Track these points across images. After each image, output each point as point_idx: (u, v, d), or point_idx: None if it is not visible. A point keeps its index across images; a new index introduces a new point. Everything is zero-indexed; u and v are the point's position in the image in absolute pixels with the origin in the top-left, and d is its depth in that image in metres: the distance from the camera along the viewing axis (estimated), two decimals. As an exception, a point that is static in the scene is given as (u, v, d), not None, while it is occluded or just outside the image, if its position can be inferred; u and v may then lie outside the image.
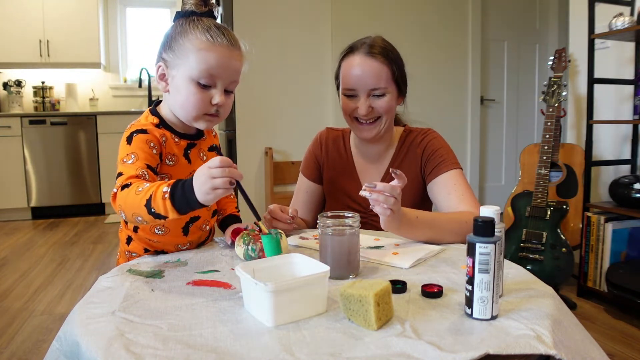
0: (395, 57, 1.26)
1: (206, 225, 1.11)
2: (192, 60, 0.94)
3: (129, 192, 0.86)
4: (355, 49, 1.26)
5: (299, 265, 0.80)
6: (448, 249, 1.06)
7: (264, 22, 3.54)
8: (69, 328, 0.71)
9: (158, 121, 1.02)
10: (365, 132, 1.28)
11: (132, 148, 0.94)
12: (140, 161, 0.93)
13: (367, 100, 1.24)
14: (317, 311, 0.71)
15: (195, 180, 0.81)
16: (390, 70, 1.24)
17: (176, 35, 0.97)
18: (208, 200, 0.80)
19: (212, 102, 0.97)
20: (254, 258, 0.96)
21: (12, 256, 3.32)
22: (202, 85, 0.96)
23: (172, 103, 1.01)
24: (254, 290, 0.70)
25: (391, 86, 1.25)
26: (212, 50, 0.95)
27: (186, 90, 0.96)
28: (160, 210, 0.82)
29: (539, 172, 2.46)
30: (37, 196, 4.57)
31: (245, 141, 3.59)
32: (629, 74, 2.52)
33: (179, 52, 0.96)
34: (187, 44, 0.95)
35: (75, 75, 5.15)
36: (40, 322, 2.20)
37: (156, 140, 0.98)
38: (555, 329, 0.65)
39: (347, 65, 1.26)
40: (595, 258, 2.36)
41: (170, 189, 0.82)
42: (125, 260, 1.08)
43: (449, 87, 4.06)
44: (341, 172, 1.39)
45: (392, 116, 1.29)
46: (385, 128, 1.29)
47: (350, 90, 1.25)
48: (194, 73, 0.95)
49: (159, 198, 0.82)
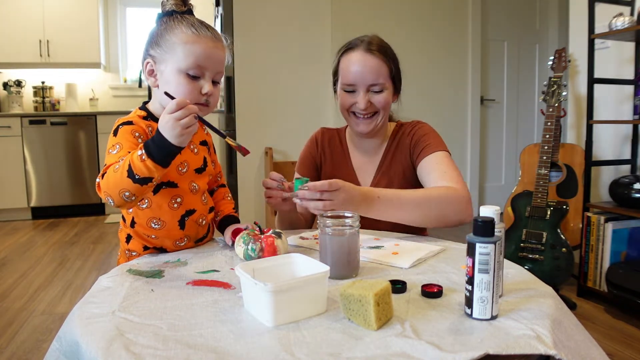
0: (392, 55, 1.31)
1: (203, 220, 1.11)
2: (179, 53, 0.99)
3: (108, 175, 0.91)
4: (354, 45, 1.31)
5: (299, 265, 0.80)
6: (448, 249, 1.06)
7: (264, 22, 3.54)
8: (69, 328, 0.71)
9: (145, 114, 1.06)
10: (363, 126, 1.32)
11: (117, 139, 0.98)
12: (123, 150, 0.96)
13: (366, 95, 1.28)
14: (317, 311, 0.71)
15: (163, 130, 0.87)
16: (388, 68, 1.29)
17: (162, 32, 1.01)
18: (184, 141, 0.88)
19: (202, 91, 1.02)
20: (253, 258, 0.96)
21: (12, 256, 3.32)
22: (191, 76, 1.00)
23: (162, 97, 1.03)
24: (254, 290, 0.70)
25: (388, 83, 1.30)
26: (198, 42, 0.99)
27: (176, 82, 1.00)
28: (145, 173, 0.87)
29: (539, 172, 2.46)
30: (37, 196, 4.57)
31: (245, 141, 3.59)
32: (629, 74, 2.52)
33: (166, 47, 1.00)
34: (173, 39, 1.00)
35: (75, 75, 5.15)
36: (40, 322, 2.20)
37: (142, 130, 1.01)
38: (555, 329, 0.65)
39: (347, 61, 1.30)
40: (595, 258, 2.36)
41: (144, 149, 0.87)
42: (126, 260, 1.09)
43: (449, 87, 4.06)
44: (338, 168, 1.43)
45: (388, 112, 1.34)
46: (381, 123, 1.34)
47: (349, 85, 1.29)
48: (182, 65, 0.99)
49: (137, 162, 0.87)
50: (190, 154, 1.09)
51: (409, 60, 4.20)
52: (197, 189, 1.09)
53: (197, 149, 1.11)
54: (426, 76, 3.96)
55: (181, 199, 1.05)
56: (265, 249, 0.96)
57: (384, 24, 3.78)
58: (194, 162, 1.09)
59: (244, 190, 3.58)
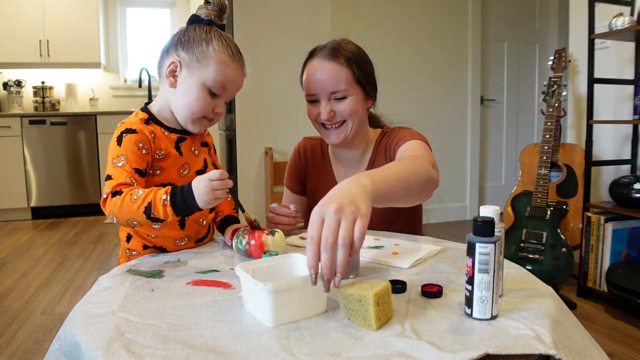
0: (356, 58, 1.22)
1: (203, 220, 1.11)
2: (211, 69, 1.00)
3: (123, 200, 0.93)
4: (314, 53, 1.24)
5: (299, 265, 0.80)
6: (448, 249, 1.06)
7: (264, 23, 3.54)
8: (69, 328, 0.71)
9: (147, 116, 1.06)
10: (333, 137, 1.25)
11: (122, 150, 0.99)
12: (129, 164, 0.97)
13: (328, 104, 1.21)
14: (317, 311, 0.71)
15: (196, 190, 0.91)
16: (350, 72, 1.20)
17: (199, 40, 1.01)
18: (208, 206, 0.93)
19: (215, 109, 1.04)
20: (241, 251, 0.99)
21: (12, 256, 3.32)
22: (212, 93, 1.02)
23: (175, 100, 1.04)
24: (253, 290, 0.70)
25: (353, 88, 1.21)
26: (230, 67, 1.02)
27: (196, 94, 1.01)
28: (160, 215, 0.92)
29: (539, 172, 2.46)
30: (37, 196, 4.57)
31: (245, 141, 3.59)
32: (629, 74, 2.53)
33: (199, 57, 1.01)
34: (210, 52, 1.00)
35: (75, 75, 5.15)
36: (40, 322, 2.20)
37: (146, 139, 1.01)
38: (555, 328, 0.65)
39: (307, 70, 1.24)
40: (595, 258, 2.36)
41: (170, 196, 0.92)
42: (126, 259, 1.09)
43: (449, 87, 4.06)
44: (322, 181, 1.38)
45: (359, 119, 1.25)
46: (354, 132, 1.25)
47: (311, 95, 1.23)
48: (209, 81, 1.01)
49: (158, 204, 0.91)
50: (192, 156, 1.09)
51: (409, 61, 4.23)
52: None
53: (198, 151, 1.11)
54: (426, 76, 3.96)
55: None
56: (252, 244, 0.97)
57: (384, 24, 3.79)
58: (195, 164, 1.09)
59: (244, 190, 3.58)
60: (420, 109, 3.91)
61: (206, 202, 0.90)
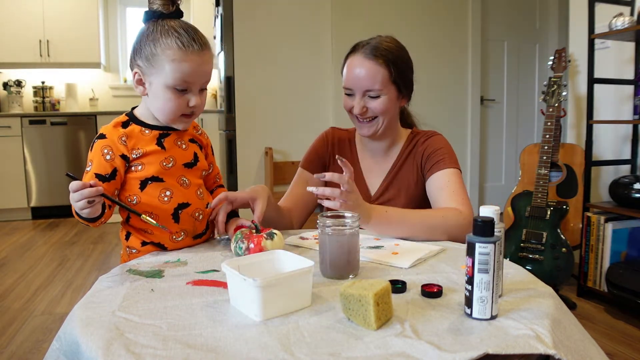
0: (395, 59, 1.26)
1: (200, 215, 1.11)
2: (167, 70, 0.99)
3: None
4: (356, 49, 1.29)
5: (283, 261, 0.82)
6: (448, 249, 1.06)
7: (264, 22, 3.54)
8: (69, 328, 0.71)
9: (127, 119, 1.08)
10: (364, 130, 1.32)
11: (91, 155, 1.04)
12: (92, 170, 1.02)
13: (361, 100, 1.27)
14: (303, 305, 0.74)
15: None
16: (387, 72, 1.25)
17: (148, 43, 1.00)
18: (91, 214, 0.95)
19: (189, 104, 1.03)
20: (240, 255, 0.98)
21: (12, 256, 3.32)
22: (179, 90, 1.02)
23: (151, 105, 1.06)
24: (242, 285, 0.72)
25: (387, 88, 1.26)
26: (184, 60, 0.99)
27: (163, 97, 1.02)
28: (83, 220, 0.99)
29: (539, 172, 2.46)
30: (37, 196, 4.57)
31: (245, 141, 3.59)
32: (629, 74, 2.53)
33: (153, 62, 1.00)
34: (159, 54, 0.99)
35: (75, 75, 5.15)
36: (40, 322, 2.20)
37: (112, 143, 1.04)
38: (554, 328, 0.65)
39: (348, 64, 1.29)
40: (595, 258, 2.36)
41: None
42: (127, 257, 1.10)
43: (449, 87, 4.06)
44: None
45: (391, 116, 1.31)
46: (384, 128, 1.31)
47: (347, 89, 1.29)
48: (170, 81, 1.00)
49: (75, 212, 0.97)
50: (178, 149, 1.10)
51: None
52: (188, 183, 1.09)
53: (185, 145, 1.12)
54: (426, 76, 3.96)
55: (171, 192, 1.06)
56: (252, 249, 0.96)
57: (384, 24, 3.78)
58: (181, 157, 1.09)
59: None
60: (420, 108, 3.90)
61: (81, 210, 0.93)
